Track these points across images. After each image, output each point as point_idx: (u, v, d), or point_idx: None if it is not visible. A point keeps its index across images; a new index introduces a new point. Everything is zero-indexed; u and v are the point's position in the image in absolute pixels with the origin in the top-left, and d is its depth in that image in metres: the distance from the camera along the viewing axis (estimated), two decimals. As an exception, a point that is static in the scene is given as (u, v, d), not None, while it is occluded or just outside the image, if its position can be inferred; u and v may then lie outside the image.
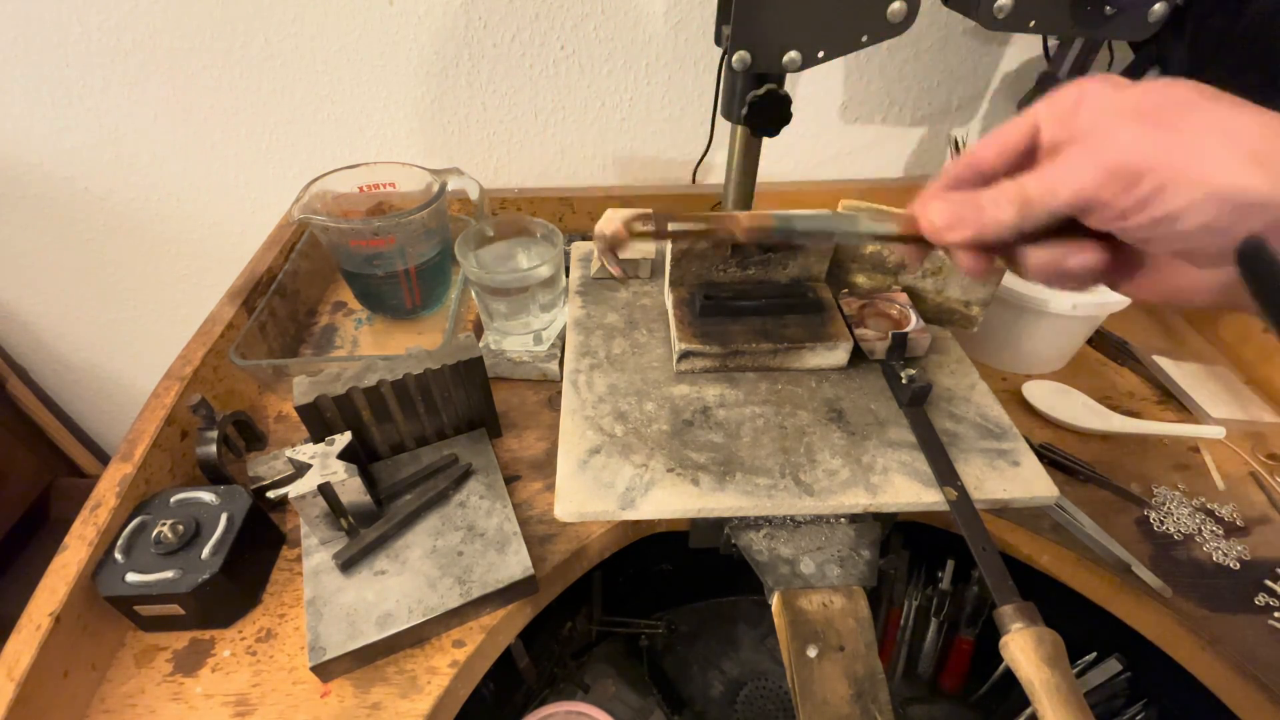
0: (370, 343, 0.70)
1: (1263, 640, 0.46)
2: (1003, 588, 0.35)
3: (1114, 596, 0.50)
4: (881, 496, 0.41)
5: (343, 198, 0.68)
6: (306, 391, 0.48)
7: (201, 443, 0.51)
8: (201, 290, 1.02)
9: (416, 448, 0.54)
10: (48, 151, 0.85)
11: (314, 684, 0.43)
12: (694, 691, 0.85)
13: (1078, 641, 0.63)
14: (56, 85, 0.79)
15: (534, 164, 0.90)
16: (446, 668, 0.44)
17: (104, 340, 1.10)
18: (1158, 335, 0.73)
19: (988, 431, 0.45)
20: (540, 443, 0.58)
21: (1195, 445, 0.60)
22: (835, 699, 0.36)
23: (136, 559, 0.44)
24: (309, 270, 0.74)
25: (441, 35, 0.78)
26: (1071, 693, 0.30)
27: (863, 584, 0.41)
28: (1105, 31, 0.50)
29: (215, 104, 0.82)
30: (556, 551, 0.50)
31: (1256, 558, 0.51)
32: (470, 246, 0.60)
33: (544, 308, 0.62)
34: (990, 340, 0.65)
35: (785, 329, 0.48)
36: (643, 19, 0.77)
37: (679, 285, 0.52)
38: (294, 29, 0.77)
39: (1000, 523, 0.53)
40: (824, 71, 0.83)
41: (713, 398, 0.47)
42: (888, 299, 0.51)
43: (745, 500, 0.40)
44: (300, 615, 0.47)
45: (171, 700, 0.43)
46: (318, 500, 0.44)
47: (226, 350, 0.58)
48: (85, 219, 0.92)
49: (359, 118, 0.84)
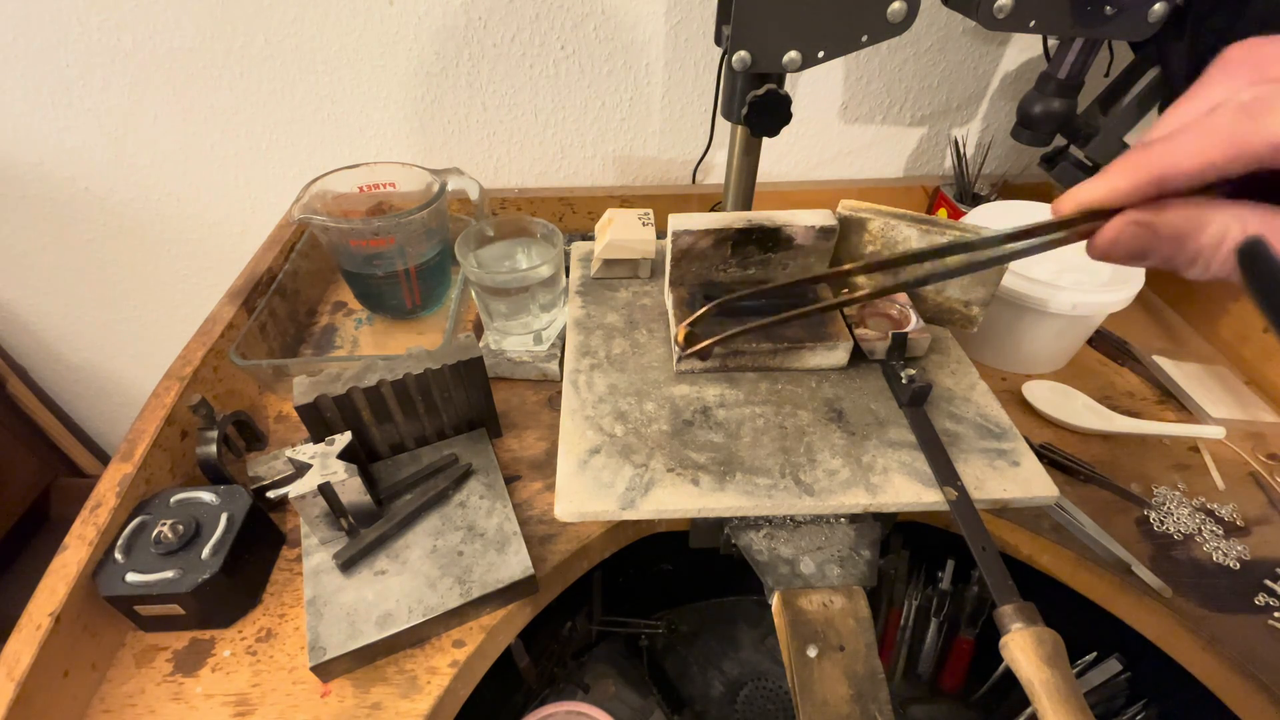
0: (370, 343, 0.70)
1: (1263, 640, 0.46)
2: (1003, 588, 0.35)
3: (1114, 596, 0.50)
4: (881, 496, 0.41)
5: (343, 198, 0.68)
6: (306, 391, 0.48)
7: (201, 443, 0.51)
8: (201, 290, 1.02)
9: (416, 448, 0.54)
10: (48, 151, 0.85)
11: (314, 684, 0.43)
12: (694, 691, 0.85)
13: (1078, 641, 0.63)
14: (56, 85, 0.79)
15: (534, 164, 0.90)
16: (446, 668, 0.44)
17: (104, 340, 1.10)
18: (1158, 335, 0.73)
19: (988, 431, 0.45)
20: (540, 443, 0.58)
21: (1195, 445, 0.60)
22: (835, 699, 0.36)
23: (136, 559, 0.44)
24: (309, 270, 0.74)
25: (441, 35, 0.78)
26: (1071, 693, 0.30)
27: (863, 584, 0.41)
28: (1105, 31, 0.50)
29: (215, 104, 0.82)
30: (556, 551, 0.50)
31: (1256, 558, 0.51)
32: (470, 246, 0.60)
33: (544, 308, 0.62)
34: (990, 340, 0.65)
35: (785, 329, 0.48)
36: (643, 19, 0.77)
37: (679, 285, 0.52)
38: (294, 29, 0.77)
39: (1000, 523, 0.53)
40: (824, 71, 0.83)
41: (713, 398, 0.47)
42: (888, 299, 0.51)
43: (745, 500, 0.40)
44: (300, 615, 0.47)
45: (171, 700, 0.43)
46: (318, 500, 0.44)
47: (226, 350, 0.58)
48: (85, 219, 0.92)
49: (359, 118, 0.84)
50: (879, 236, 0.50)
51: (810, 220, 0.48)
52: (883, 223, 0.49)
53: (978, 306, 0.51)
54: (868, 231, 0.50)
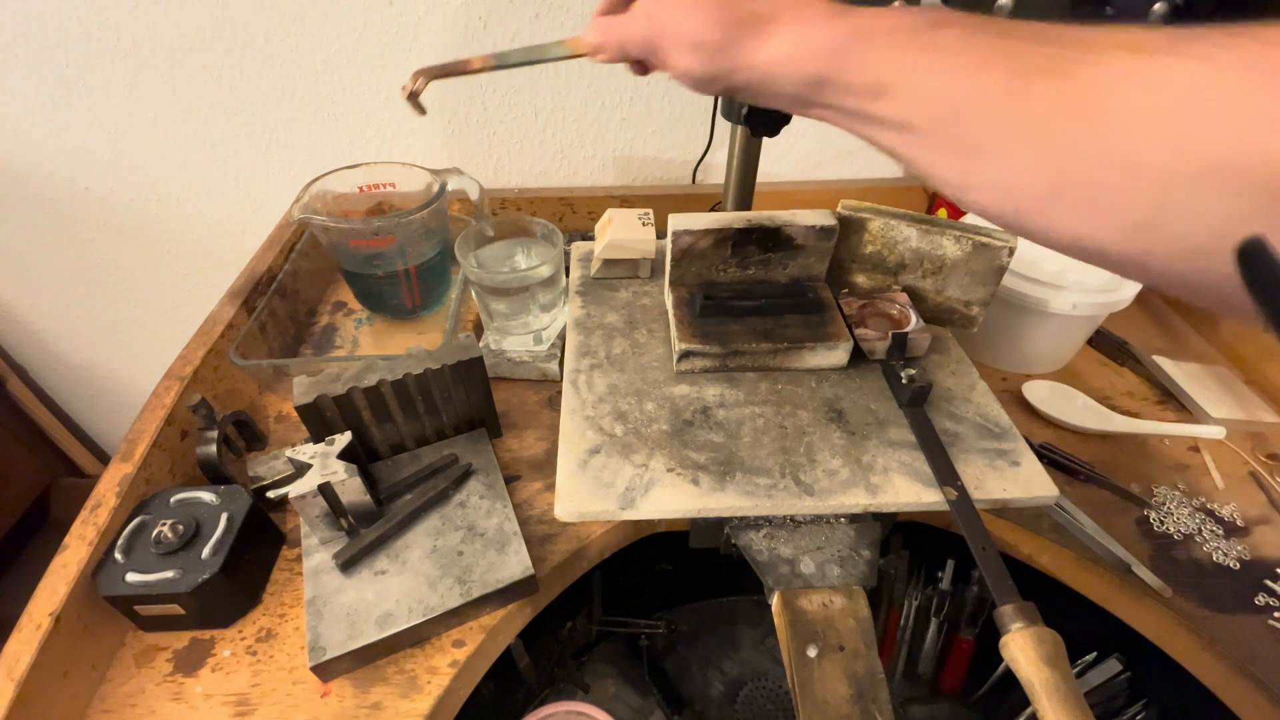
0: (370, 343, 0.70)
1: (1263, 640, 0.46)
2: (1003, 588, 0.35)
3: (1114, 596, 0.50)
4: (881, 496, 0.41)
5: (343, 198, 0.68)
6: (306, 391, 0.48)
7: (201, 443, 0.51)
8: (201, 290, 1.02)
9: (416, 448, 0.54)
10: (48, 151, 0.85)
11: (314, 684, 0.43)
12: (694, 691, 0.85)
13: (1078, 641, 0.63)
14: (56, 85, 0.79)
15: (534, 164, 0.90)
16: (446, 668, 0.44)
17: (104, 340, 1.10)
18: (1158, 335, 0.73)
19: (988, 431, 0.45)
20: (540, 443, 0.58)
21: (1195, 445, 0.60)
22: (835, 699, 0.36)
23: (136, 559, 0.44)
24: (309, 270, 0.73)
25: (441, 35, 0.78)
26: (1071, 693, 0.30)
27: (863, 584, 0.41)
28: (1105, 31, 0.50)
29: (215, 104, 0.82)
30: (556, 551, 0.50)
31: (1256, 558, 0.51)
32: (470, 246, 0.60)
33: (544, 308, 0.62)
34: (990, 340, 0.65)
35: (785, 329, 0.48)
36: (643, 19, 0.77)
37: (679, 285, 0.52)
38: (294, 29, 0.77)
39: (1000, 523, 0.53)
40: (824, 71, 0.83)
41: (713, 398, 0.47)
42: (888, 299, 0.51)
43: (745, 500, 0.40)
44: (300, 615, 0.47)
45: (171, 700, 0.43)
46: (318, 500, 0.44)
47: (226, 350, 0.58)
48: (85, 219, 0.92)
49: (359, 118, 0.84)
50: (879, 236, 0.50)
51: (810, 220, 0.48)
52: (883, 223, 0.49)
53: (978, 306, 0.51)
54: (868, 231, 0.50)
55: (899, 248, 0.50)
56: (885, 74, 0.26)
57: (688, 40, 0.32)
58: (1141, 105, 0.20)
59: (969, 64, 0.24)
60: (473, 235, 0.61)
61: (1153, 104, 0.20)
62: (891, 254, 0.51)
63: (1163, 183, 0.20)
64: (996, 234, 0.48)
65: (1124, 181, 0.21)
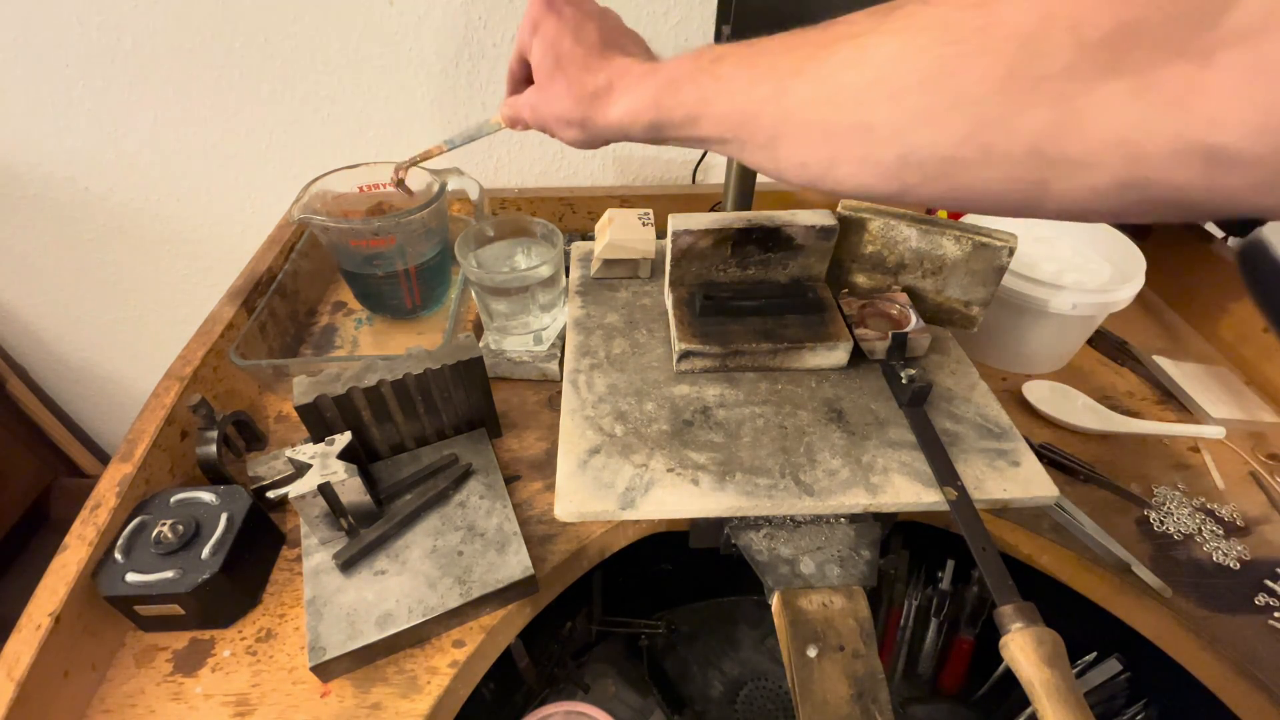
0: (370, 343, 0.70)
1: (1263, 640, 0.46)
2: (1003, 588, 0.35)
3: (1114, 596, 0.50)
4: (881, 496, 0.41)
5: (343, 198, 0.68)
6: (306, 391, 0.48)
7: (201, 443, 0.51)
8: (201, 290, 1.02)
9: (416, 448, 0.54)
10: (48, 152, 0.85)
11: (314, 684, 0.43)
12: (694, 691, 0.85)
13: (1078, 641, 0.63)
14: (56, 85, 0.79)
15: (534, 164, 0.90)
16: (446, 668, 0.44)
17: (104, 340, 1.10)
18: (1158, 335, 0.73)
19: (988, 431, 0.45)
20: (540, 443, 0.58)
21: (1195, 445, 0.60)
22: (835, 699, 0.36)
23: (136, 559, 0.44)
24: (309, 270, 0.73)
25: (441, 35, 0.78)
26: (1071, 693, 0.30)
27: (863, 584, 0.41)
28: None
29: (215, 104, 0.82)
30: (556, 551, 0.50)
31: (1256, 558, 0.51)
32: (470, 246, 0.60)
33: (544, 308, 0.62)
34: (990, 340, 0.65)
35: (785, 329, 0.48)
36: (643, 19, 0.77)
37: (679, 285, 0.52)
38: (294, 29, 0.77)
39: (1000, 523, 0.53)
40: (824, 71, 0.83)
41: (713, 398, 0.47)
42: (888, 299, 0.51)
43: (745, 500, 0.40)
44: (300, 615, 0.47)
45: (171, 700, 0.43)
46: (318, 500, 0.44)
47: (226, 350, 0.58)
48: (85, 219, 0.92)
49: (359, 118, 0.84)
50: (879, 236, 0.50)
51: (810, 220, 0.48)
52: (883, 223, 0.49)
53: (978, 306, 0.51)
54: (868, 231, 0.50)
55: (899, 248, 0.50)
56: (692, 108, 0.33)
57: (560, 120, 0.40)
58: (859, 82, 0.27)
59: (743, 84, 0.31)
60: (473, 235, 0.61)
61: (866, 79, 0.26)
62: (891, 254, 0.51)
63: (896, 136, 0.26)
64: (996, 234, 0.48)
65: (871, 141, 0.27)
